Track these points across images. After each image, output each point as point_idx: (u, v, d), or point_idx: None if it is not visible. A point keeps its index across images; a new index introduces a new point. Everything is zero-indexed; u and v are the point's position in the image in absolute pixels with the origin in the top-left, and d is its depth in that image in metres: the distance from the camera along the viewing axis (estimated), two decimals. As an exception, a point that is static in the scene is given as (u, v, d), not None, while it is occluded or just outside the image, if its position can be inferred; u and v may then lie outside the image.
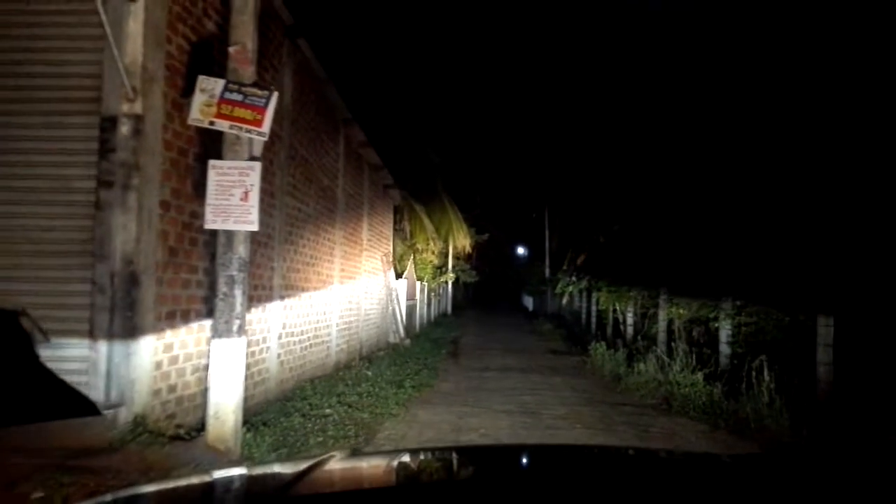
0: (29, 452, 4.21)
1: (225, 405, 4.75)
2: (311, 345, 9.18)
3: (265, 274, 7.27)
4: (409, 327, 17.83)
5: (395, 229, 17.63)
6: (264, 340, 7.20)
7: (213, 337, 4.92)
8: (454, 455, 2.15)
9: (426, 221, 19.39)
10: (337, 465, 1.69)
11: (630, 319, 13.89)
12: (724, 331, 9.03)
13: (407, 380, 9.35)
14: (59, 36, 4.76)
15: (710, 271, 12.15)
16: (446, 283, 27.01)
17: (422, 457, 2.07)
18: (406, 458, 2.01)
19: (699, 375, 8.37)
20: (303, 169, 8.68)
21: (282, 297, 7.80)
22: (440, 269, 24.74)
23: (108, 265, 4.63)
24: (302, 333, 8.73)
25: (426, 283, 22.31)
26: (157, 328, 4.93)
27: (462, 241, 24.20)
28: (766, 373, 6.96)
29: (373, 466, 1.89)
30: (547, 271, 31.37)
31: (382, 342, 15.09)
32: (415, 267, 20.14)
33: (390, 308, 16.22)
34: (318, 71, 9.14)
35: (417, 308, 20.50)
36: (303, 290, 8.80)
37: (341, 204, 11.24)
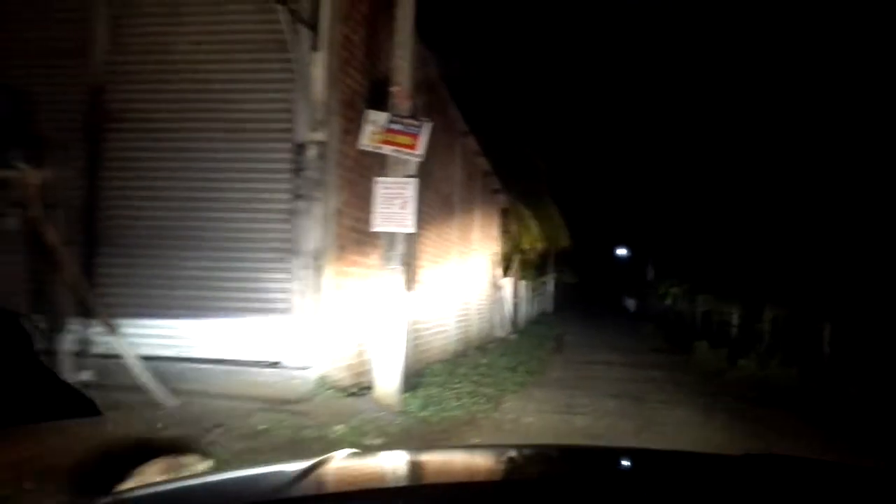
0: (245, 398, 5.59)
1: (389, 367, 6.00)
2: (434, 333, 10.39)
3: (403, 269, 8.54)
4: (514, 323, 18.86)
5: (502, 231, 18.68)
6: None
7: (375, 324, 6.19)
8: (455, 455, 2.14)
9: (531, 224, 20.35)
10: (337, 465, 1.67)
11: (735, 321, 14.30)
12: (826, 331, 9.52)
13: (519, 367, 10.38)
14: (262, 80, 6.14)
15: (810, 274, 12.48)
16: (548, 283, 27.83)
17: (423, 457, 2.07)
18: (407, 459, 2.00)
19: (794, 370, 8.93)
20: (429, 178, 9.92)
21: (415, 291, 9.05)
22: (542, 269, 25.60)
23: (301, 259, 5.97)
24: (428, 322, 9.96)
25: (529, 283, 23.25)
26: (333, 309, 6.23)
27: (564, 242, 24.95)
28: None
29: (373, 466, 1.88)
30: (650, 273, 31.50)
31: (491, 336, 16.19)
32: (519, 267, 21.13)
33: (498, 304, 17.32)
34: (442, 91, 10.36)
35: (522, 306, 21.50)
36: (429, 285, 10.04)
37: (457, 208, 12.42)
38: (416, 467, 1.86)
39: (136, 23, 6.27)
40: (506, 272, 19.06)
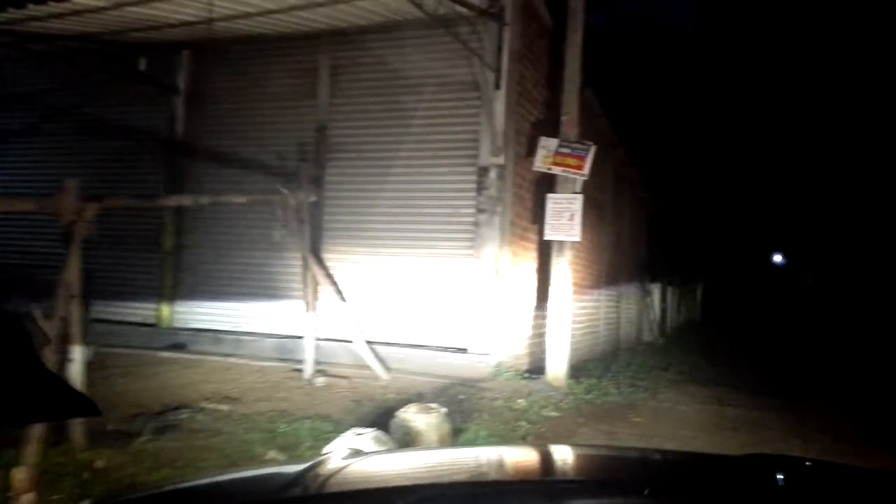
0: (439, 377, 6.82)
1: (558, 355, 7.04)
2: (585, 332, 11.26)
3: (562, 273, 9.53)
4: (662, 328, 19.16)
5: (650, 237, 19.07)
6: (561, 323, 9.46)
7: (549, 318, 7.24)
8: (455, 455, 2.14)
9: (679, 230, 20.54)
10: (337, 465, 1.68)
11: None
12: None
13: (670, 367, 11.00)
14: (454, 115, 7.39)
15: None
16: (697, 289, 27.50)
17: (422, 457, 2.06)
18: (407, 459, 2.00)
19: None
20: (585, 188, 10.81)
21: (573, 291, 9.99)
22: (691, 275, 25.42)
23: (482, 264, 7.15)
24: (580, 322, 10.85)
25: (677, 289, 23.28)
26: (507, 305, 7.36)
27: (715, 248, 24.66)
28: None
29: (373, 466, 1.90)
30: (809, 280, 30.09)
31: (638, 339, 16.71)
32: (667, 273, 21.30)
33: (646, 309, 17.77)
34: (596, 109, 11.22)
35: (669, 311, 21.65)
36: (583, 287, 10.93)
37: (607, 215, 13.19)
38: (415, 467, 1.87)
39: (352, 71, 7.76)
40: (654, 278, 19.41)
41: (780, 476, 1.72)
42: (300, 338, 7.18)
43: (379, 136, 7.64)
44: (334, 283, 7.38)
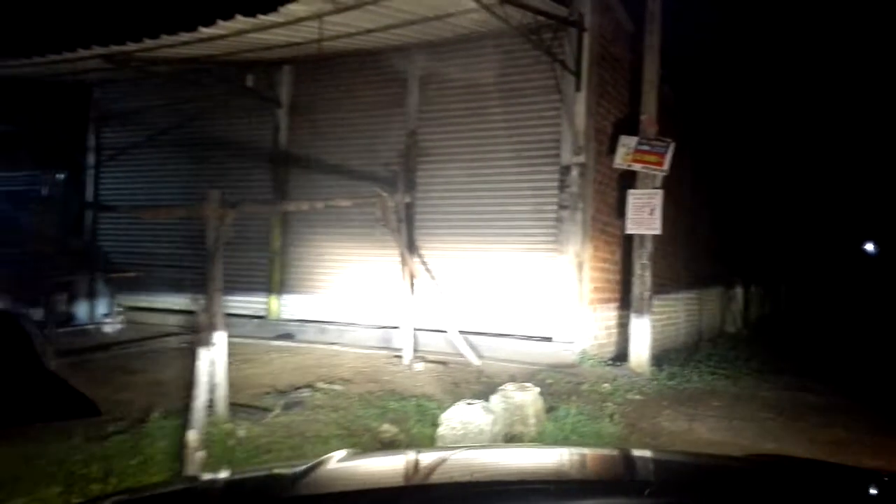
0: (527, 364, 7.30)
1: (641, 343, 7.41)
2: (666, 323, 11.47)
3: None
4: (745, 320, 18.95)
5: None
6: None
7: (632, 308, 7.61)
8: (455, 455, 2.17)
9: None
10: (337, 465, 1.69)
11: None
12: None
13: (753, 358, 11.06)
14: (536, 117, 7.84)
15: None
16: (782, 281, 26.81)
17: (422, 457, 2.11)
18: (407, 459, 2.03)
19: None
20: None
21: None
22: (775, 267, 24.85)
23: (566, 257, 7.58)
24: (662, 312, 11.07)
25: (762, 280, 22.85)
26: (589, 297, 7.77)
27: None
28: None
29: (373, 466, 1.90)
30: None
31: (721, 330, 16.64)
32: (750, 264, 20.98)
33: (728, 301, 17.65)
34: (670, 102, 11.39)
35: (752, 302, 21.31)
36: (664, 278, 11.14)
37: (688, 208, 13.28)
38: (415, 467, 1.86)
39: (439, 80, 8.33)
40: (738, 270, 19.19)
41: (781, 476, 1.72)
42: (398, 327, 7.83)
43: (465, 140, 8.18)
44: (428, 277, 7.97)
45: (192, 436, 3.94)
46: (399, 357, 7.43)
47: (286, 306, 9.09)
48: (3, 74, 8.68)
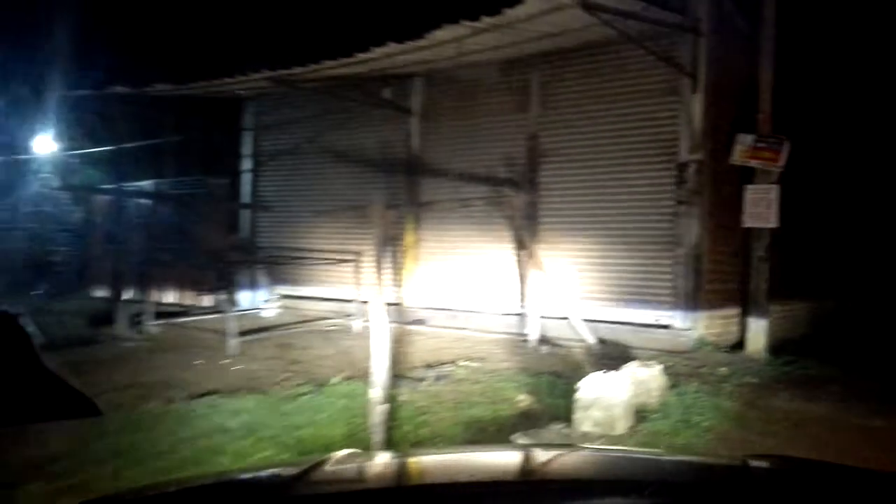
0: (644, 349, 7.84)
1: (757, 332, 7.79)
2: (783, 313, 11.55)
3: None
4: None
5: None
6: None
7: (749, 298, 7.99)
8: (454, 456, 2.16)
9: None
10: (337, 465, 1.69)
11: None
12: None
13: (874, 347, 10.98)
14: (653, 118, 8.33)
15: None
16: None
17: (422, 457, 2.08)
18: (407, 459, 2.01)
19: None
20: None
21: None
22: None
23: (682, 250, 8.05)
24: (780, 304, 11.19)
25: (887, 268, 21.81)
26: (706, 287, 8.20)
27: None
28: None
29: (373, 467, 1.91)
30: None
31: (838, 323, 16.23)
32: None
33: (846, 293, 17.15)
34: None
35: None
36: (783, 272, 11.26)
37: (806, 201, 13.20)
38: (415, 467, 1.88)
39: (559, 85, 8.98)
40: (857, 258, 18.53)
41: (780, 476, 1.73)
42: (521, 314, 8.60)
43: (584, 141, 8.78)
44: (550, 268, 8.67)
45: (376, 393, 4.86)
46: (525, 341, 8.18)
47: (418, 295, 10.05)
48: (178, 94, 10.15)
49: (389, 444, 4.64)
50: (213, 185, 12.02)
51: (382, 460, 2.18)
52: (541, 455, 2.07)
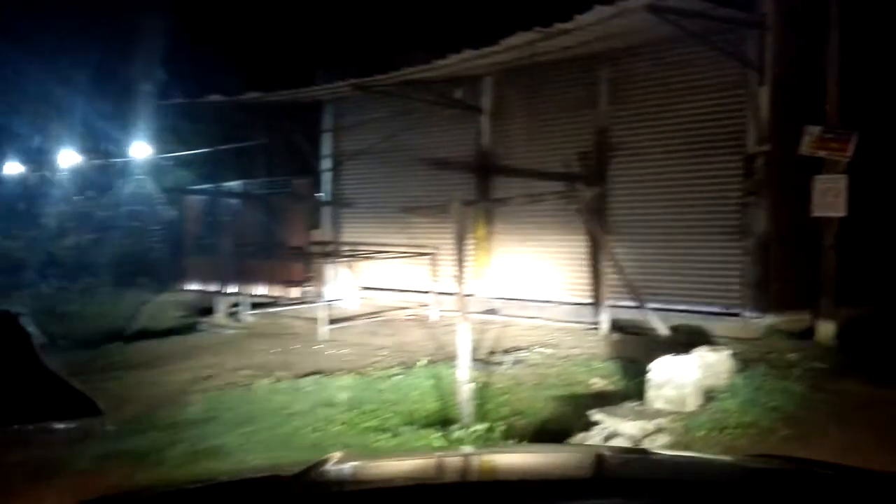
0: (714, 335, 8.10)
1: (826, 319, 7.96)
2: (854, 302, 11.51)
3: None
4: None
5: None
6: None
7: (820, 286, 8.16)
8: (454, 456, 2.16)
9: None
10: (336, 465, 1.70)
11: None
12: None
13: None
14: (720, 111, 8.54)
15: None
16: None
17: (422, 457, 2.10)
18: (407, 459, 2.03)
19: None
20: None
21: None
22: None
23: (751, 239, 8.27)
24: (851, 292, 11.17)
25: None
26: (774, 275, 8.39)
27: None
28: None
29: (373, 467, 1.92)
30: None
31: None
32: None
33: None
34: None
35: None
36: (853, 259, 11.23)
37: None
38: (414, 467, 1.89)
39: (627, 81, 9.28)
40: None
41: (780, 476, 1.73)
42: (590, 303, 8.99)
43: (652, 134, 9.06)
44: (620, 259, 9.01)
45: (463, 374, 5.39)
46: (595, 328, 8.57)
47: (490, 285, 10.54)
48: (266, 101, 10.93)
49: (477, 418, 5.16)
50: (297, 184, 12.80)
51: (381, 460, 2.22)
52: (541, 456, 2.10)
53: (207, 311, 10.31)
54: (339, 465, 1.73)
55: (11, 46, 14.63)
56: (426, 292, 10.15)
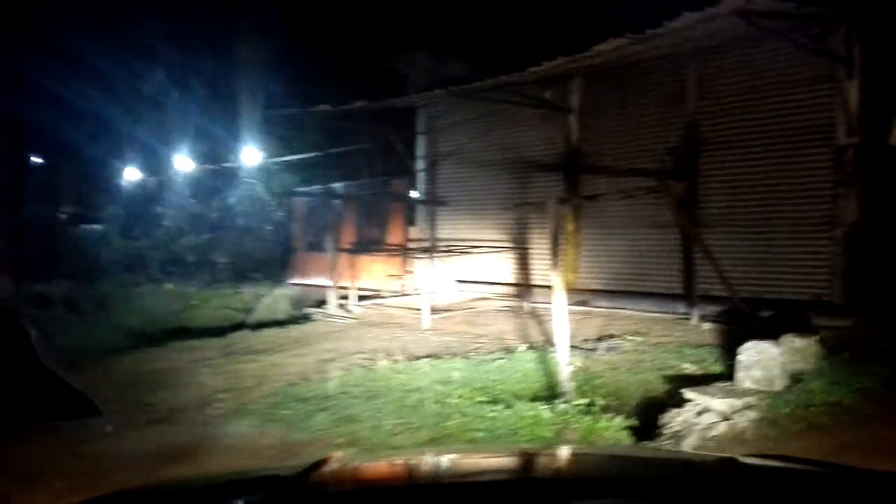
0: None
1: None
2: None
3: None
4: None
5: None
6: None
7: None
8: (454, 456, 2.20)
9: None
10: (336, 465, 1.71)
11: None
12: None
13: None
14: (807, 104, 8.71)
15: None
16: None
17: (423, 458, 2.09)
18: (407, 459, 2.03)
19: None
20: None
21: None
22: None
23: (841, 230, 8.43)
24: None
25: None
26: (863, 264, 8.50)
27: None
28: None
29: (373, 467, 1.93)
30: None
31: None
32: None
33: None
34: None
35: None
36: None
37: None
38: (414, 467, 1.90)
39: (715, 77, 9.54)
40: None
41: (776, 475, 1.75)
42: (681, 294, 9.35)
43: (741, 128, 9.30)
44: (708, 251, 9.33)
45: (563, 357, 5.99)
46: (686, 319, 8.94)
47: (581, 278, 11.04)
48: (367, 108, 11.83)
49: (577, 395, 5.75)
50: (394, 184, 13.68)
51: (381, 460, 2.27)
52: (540, 455, 2.15)
53: (319, 303, 11.31)
54: (339, 465, 1.76)
55: (135, 60, 16.25)
56: (518, 285, 10.75)
